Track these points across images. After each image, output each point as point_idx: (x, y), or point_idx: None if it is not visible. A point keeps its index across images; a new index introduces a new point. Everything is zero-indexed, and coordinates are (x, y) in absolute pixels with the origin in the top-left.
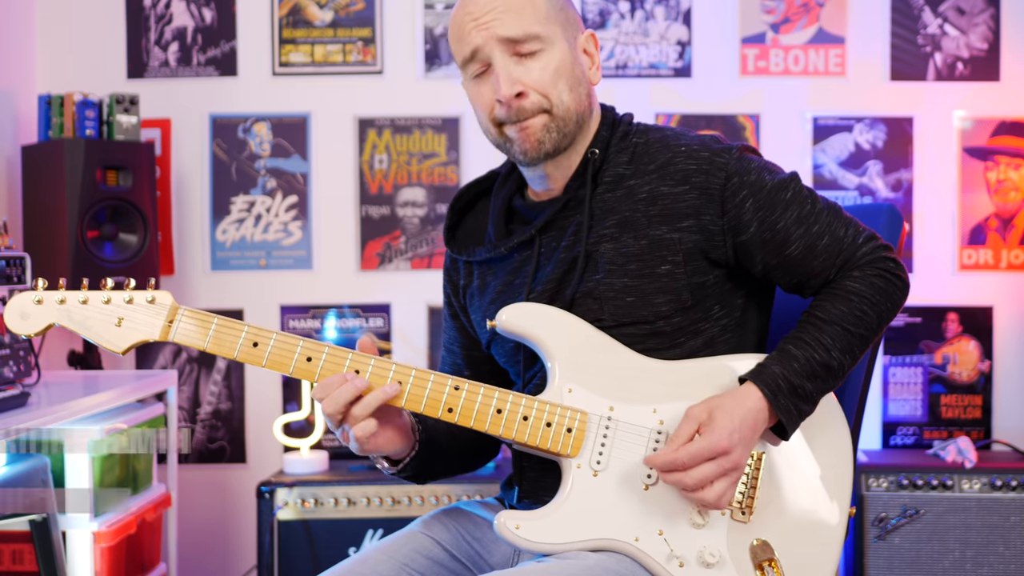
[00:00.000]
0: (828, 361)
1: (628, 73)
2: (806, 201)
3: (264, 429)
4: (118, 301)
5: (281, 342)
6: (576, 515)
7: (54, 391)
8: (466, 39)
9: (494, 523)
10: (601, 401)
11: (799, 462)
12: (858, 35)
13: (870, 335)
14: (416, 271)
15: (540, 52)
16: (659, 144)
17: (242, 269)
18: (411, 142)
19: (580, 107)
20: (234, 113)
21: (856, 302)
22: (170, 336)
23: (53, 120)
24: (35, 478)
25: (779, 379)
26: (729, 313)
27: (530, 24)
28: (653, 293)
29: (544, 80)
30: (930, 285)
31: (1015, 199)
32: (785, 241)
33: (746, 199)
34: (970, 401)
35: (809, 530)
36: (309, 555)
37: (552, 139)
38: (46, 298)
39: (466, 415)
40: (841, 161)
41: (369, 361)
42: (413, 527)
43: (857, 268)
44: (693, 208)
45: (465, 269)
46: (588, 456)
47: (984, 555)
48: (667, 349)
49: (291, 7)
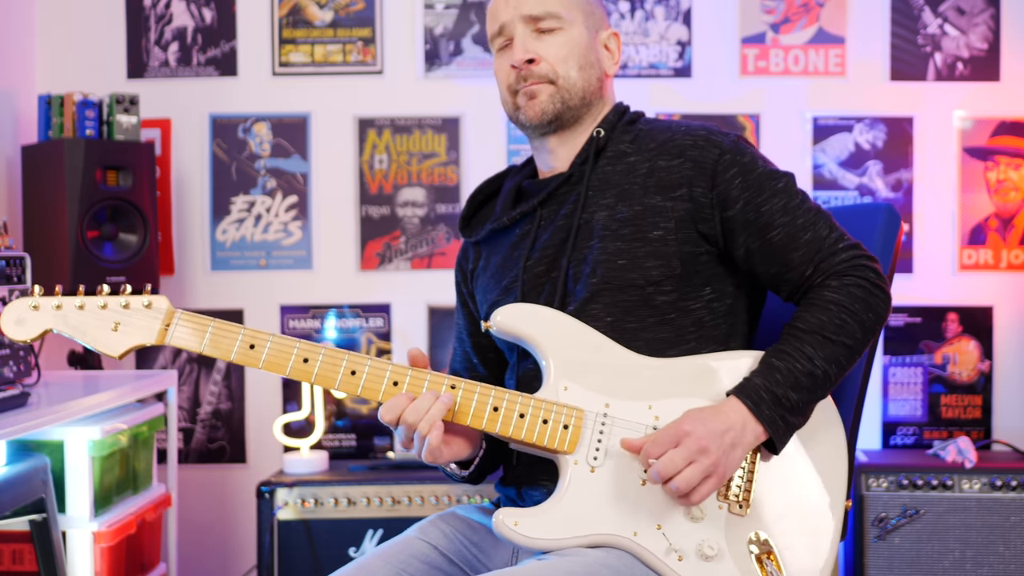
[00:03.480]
0: (812, 370)
1: (628, 73)
2: (795, 195)
3: (264, 429)
4: (114, 306)
5: (278, 344)
6: (574, 511)
7: (54, 391)
8: (496, 16)
9: (492, 521)
10: (597, 398)
11: (795, 456)
12: (858, 35)
13: (854, 344)
14: (416, 271)
15: (558, 31)
16: (662, 127)
17: (242, 269)
18: (411, 142)
19: (588, 87)
20: (234, 113)
21: (835, 311)
22: (167, 340)
23: (53, 120)
24: (35, 478)
25: (761, 390)
26: (720, 298)
27: (552, 5)
28: (644, 257)
29: (556, 54)
30: (930, 285)
31: (1015, 199)
32: (768, 225)
33: (735, 176)
34: (970, 401)
35: (806, 523)
36: (309, 555)
37: (555, 109)
38: (42, 304)
39: (463, 413)
40: (841, 161)
41: (365, 362)
42: (410, 533)
43: (835, 276)
44: (686, 179)
45: (474, 252)
46: (585, 452)
47: (984, 555)
48: (657, 326)
49: (291, 7)
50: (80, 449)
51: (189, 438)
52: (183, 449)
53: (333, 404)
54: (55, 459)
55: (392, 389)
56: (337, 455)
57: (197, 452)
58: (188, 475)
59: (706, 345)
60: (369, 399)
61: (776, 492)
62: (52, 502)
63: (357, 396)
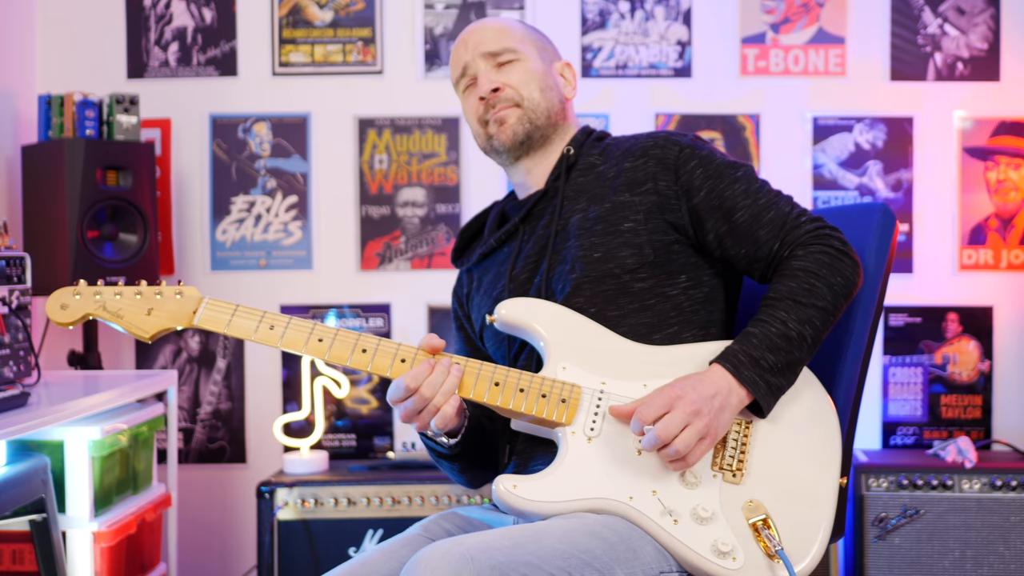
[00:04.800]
0: (786, 332)
1: (628, 73)
2: (755, 181)
3: (264, 429)
4: (149, 294)
5: (296, 326)
6: (572, 477)
7: (54, 391)
8: (458, 60)
9: (492, 489)
10: (594, 377)
11: (787, 429)
12: (858, 35)
13: (825, 305)
14: (416, 271)
15: (516, 61)
16: (628, 138)
17: (242, 269)
18: (411, 142)
19: (551, 107)
20: (234, 113)
21: (803, 277)
22: (195, 321)
23: (53, 120)
24: (35, 478)
25: (739, 354)
26: (696, 286)
27: (507, 41)
28: (618, 247)
29: (519, 80)
30: (930, 285)
31: (1015, 199)
32: (732, 208)
33: (696, 167)
34: (970, 401)
35: (801, 493)
36: (309, 555)
37: (524, 129)
38: (84, 292)
39: (466, 387)
40: (841, 161)
41: (375, 341)
42: (413, 530)
43: (801, 246)
44: (651, 175)
45: (467, 278)
46: (582, 424)
47: (984, 555)
48: (639, 312)
49: (291, 7)
50: (80, 449)
51: (189, 438)
52: (183, 449)
53: (333, 404)
54: (55, 459)
55: (400, 366)
56: (337, 455)
57: (197, 452)
58: (188, 475)
59: (687, 329)
60: (378, 373)
61: (769, 461)
62: (52, 502)
63: (367, 372)
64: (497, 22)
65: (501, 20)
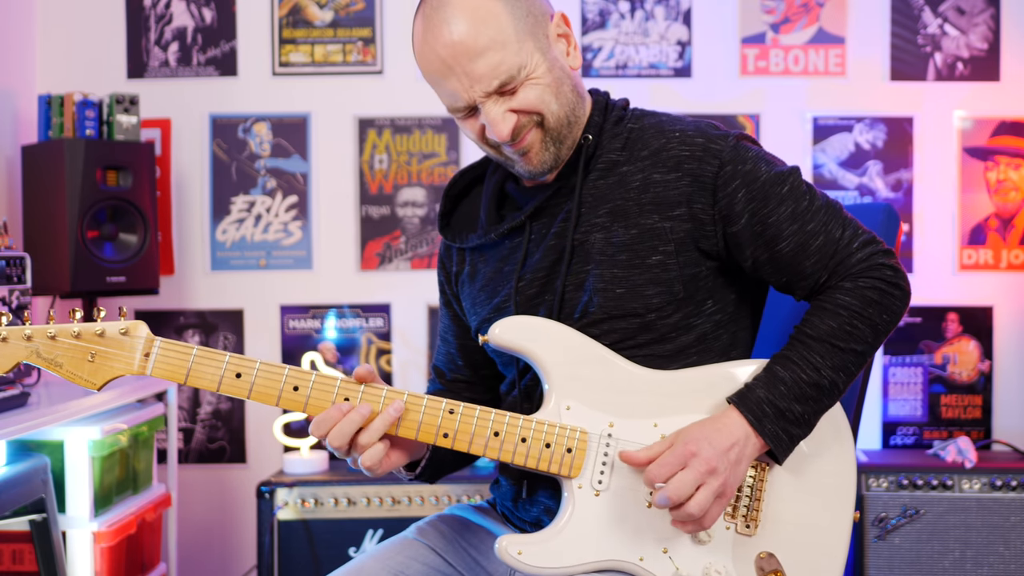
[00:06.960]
0: (818, 381)
1: (628, 73)
2: (803, 197)
3: (264, 429)
4: (88, 335)
5: (265, 371)
6: (578, 537)
7: (54, 391)
8: (447, 91)
9: (495, 548)
10: (600, 417)
11: (802, 472)
12: (858, 35)
13: (865, 348)
14: (416, 271)
15: (523, 83)
16: (654, 130)
17: (242, 269)
18: (411, 142)
19: (570, 108)
20: (234, 113)
21: (846, 317)
22: (147, 370)
23: (53, 120)
24: (35, 478)
25: (764, 404)
26: (722, 309)
27: (505, 58)
28: (644, 284)
29: (534, 101)
30: (930, 285)
31: (1015, 199)
32: (776, 236)
33: (738, 189)
34: (970, 401)
35: (815, 540)
36: (309, 555)
37: (552, 152)
38: (10, 335)
39: (463, 440)
40: (841, 161)
41: (358, 389)
42: (407, 534)
43: (850, 278)
44: (685, 196)
45: (458, 256)
46: (589, 476)
47: (984, 555)
48: (657, 343)
49: (291, 7)
50: (80, 449)
51: (189, 438)
52: (183, 449)
53: None
54: (55, 459)
55: None
56: None
57: (197, 452)
58: (188, 475)
59: (706, 359)
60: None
61: (784, 509)
62: (52, 502)
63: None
64: (479, 30)
65: (481, 24)
